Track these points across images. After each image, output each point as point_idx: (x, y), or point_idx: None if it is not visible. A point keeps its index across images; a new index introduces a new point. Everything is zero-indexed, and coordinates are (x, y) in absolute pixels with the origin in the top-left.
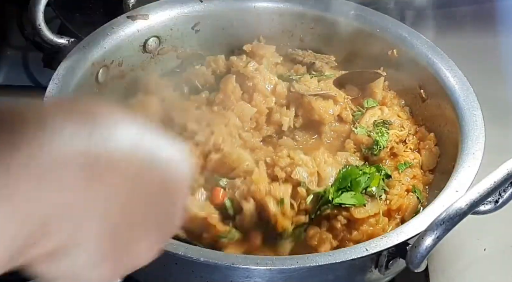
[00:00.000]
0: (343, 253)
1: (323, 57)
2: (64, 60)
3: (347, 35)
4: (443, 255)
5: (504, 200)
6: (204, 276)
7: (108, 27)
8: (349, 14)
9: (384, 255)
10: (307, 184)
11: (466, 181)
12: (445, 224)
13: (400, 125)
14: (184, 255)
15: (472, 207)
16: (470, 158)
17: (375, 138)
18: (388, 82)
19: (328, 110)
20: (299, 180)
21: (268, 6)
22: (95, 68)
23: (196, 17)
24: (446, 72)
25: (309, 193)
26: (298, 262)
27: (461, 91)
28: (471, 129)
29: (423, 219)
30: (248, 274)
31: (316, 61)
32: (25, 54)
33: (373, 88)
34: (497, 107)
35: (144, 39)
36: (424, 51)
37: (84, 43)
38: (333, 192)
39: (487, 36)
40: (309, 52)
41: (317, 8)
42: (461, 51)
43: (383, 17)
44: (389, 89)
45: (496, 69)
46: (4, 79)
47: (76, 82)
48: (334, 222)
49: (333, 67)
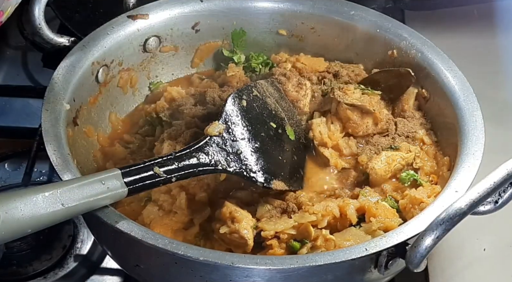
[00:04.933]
0: (343, 253)
1: (350, 66)
2: (64, 59)
3: (348, 35)
4: (442, 255)
5: (504, 201)
6: (204, 276)
7: (108, 26)
8: (349, 14)
9: (384, 255)
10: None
11: (466, 181)
12: (444, 224)
13: (407, 149)
14: (184, 255)
15: (472, 207)
16: (470, 158)
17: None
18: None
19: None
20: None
21: (268, 6)
22: (95, 67)
23: (196, 16)
24: (446, 72)
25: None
26: (297, 262)
27: (461, 91)
28: (471, 129)
29: (422, 219)
30: (247, 274)
31: (342, 70)
32: (25, 54)
33: (404, 104)
34: (497, 107)
35: (144, 38)
36: (424, 51)
37: (84, 42)
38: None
39: (487, 36)
40: (336, 62)
41: (317, 8)
42: (461, 51)
43: (383, 17)
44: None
45: (495, 69)
46: (3, 79)
47: (76, 81)
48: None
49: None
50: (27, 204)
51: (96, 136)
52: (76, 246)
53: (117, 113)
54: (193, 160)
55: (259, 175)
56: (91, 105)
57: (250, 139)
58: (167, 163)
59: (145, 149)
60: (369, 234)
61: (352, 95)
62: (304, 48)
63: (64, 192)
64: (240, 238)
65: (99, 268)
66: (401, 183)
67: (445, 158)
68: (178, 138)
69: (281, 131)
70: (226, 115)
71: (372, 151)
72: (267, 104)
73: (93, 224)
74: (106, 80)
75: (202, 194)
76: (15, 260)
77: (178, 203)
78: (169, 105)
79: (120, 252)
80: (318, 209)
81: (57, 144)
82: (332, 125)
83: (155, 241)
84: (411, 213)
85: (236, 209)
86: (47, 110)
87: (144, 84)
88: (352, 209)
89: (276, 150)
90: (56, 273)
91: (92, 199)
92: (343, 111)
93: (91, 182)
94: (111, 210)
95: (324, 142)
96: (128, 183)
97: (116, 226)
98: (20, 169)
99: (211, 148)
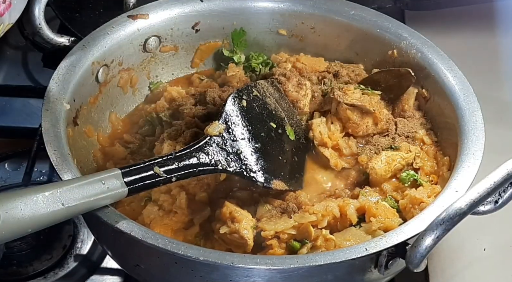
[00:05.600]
0: (343, 252)
1: (350, 66)
2: (64, 59)
3: (348, 35)
4: (442, 255)
5: (504, 201)
6: (204, 276)
7: (109, 26)
8: (349, 14)
9: (384, 255)
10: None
11: (466, 181)
12: (444, 224)
13: (407, 149)
14: (184, 255)
15: (472, 207)
16: (470, 158)
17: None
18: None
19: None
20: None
21: (268, 6)
22: (95, 67)
23: (196, 16)
24: (446, 72)
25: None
26: (297, 262)
27: (461, 91)
28: (471, 129)
29: (422, 219)
30: (247, 274)
31: (342, 70)
32: (25, 54)
33: (404, 104)
34: (497, 107)
35: (145, 38)
36: (424, 51)
37: (84, 42)
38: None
39: (487, 36)
40: (336, 62)
41: (317, 8)
42: (461, 51)
43: (383, 17)
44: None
45: (496, 69)
46: (3, 79)
47: (76, 81)
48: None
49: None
50: (27, 204)
51: (96, 136)
52: (76, 246)
53: (117, 113)
54: (193, 160)
55: (259, 175)
56: (91, 105)
57: (250, 139)
58: (167, 163)
59: (145, 149)
60: (369, 234)
61: (352, 95)
62: (304, 48)
63: (64, 192)
64: (240, 238)
65: (99, 268)
66: (401, 183)
67: (445, 158)
68: (178, 138)
69: (281, 131)
70: (226, 115)
71: (372, 151)
72: (267, 104)
73: (93, 224)
74: (106, 80)
75: (202, 194)
76: (15, 260)
77: (178, 203)
78: (169, 105)
79: (120, 252)
80: (318, 209)
81: (57, 144)
82: (332, 125)
83: (155, 241)
84: (411, 213)
85: (236, 209)
86: (47, 110)
87: (144, 84)
88: (352, 209)
89: (276, 150)
90: (56, 273)
91: (92, 199)
92: (343, 111)
93: (91, 182)
94: (111, 210)
95: (324, 142)
96: (128, 183)
97: (116, 226)
98: (20, 169)
99: (211, 148)
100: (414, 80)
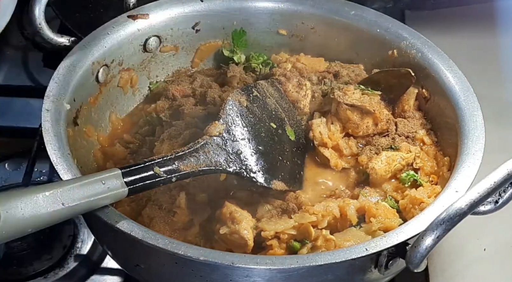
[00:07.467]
0: (343, 253)
1: (350, 66)
2: (65, 59)
3: (348, 35)
4: (442, 255)
5: (504, 201)
6: (204, 276)
7: (109, 26)
8: (349, 15)
9: (384, 255)
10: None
11: (466, 181)
12: (445, 224)
13: (407, 149)
14: (184, 255)
15: (472, 207)
16: (470, 158)
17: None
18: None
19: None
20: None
21: (268, 6)
22: (95, 67)
23: (197, 16)
24: (446, 72)
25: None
26: (297, 262)
27: (461, 91)
28: (471, 129)
29: (423, 219)
30: (247, 274)
31: (342, 70)
32: (25, 54)
33: (404, 104)
34: (497, 107)
35: (145, 38)
36: (424, 51)
37: (84, 42)
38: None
39: (487, 36)
40: (336, 62)
41: (317, 8)
42: (461, 51)
43: (383, 17)
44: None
45: (496, 69)
46: (4, 79)
47: (76, 81)
48: None
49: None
50: (27, 204)
51: (96, 136)
52: (76, 246)
53: (117, 113)
54: (193, 160)
55: (259, 176)
56: (91, 105)
57: (250, 139)
58: (167, 163)
59: (145, 149)
60: (369, 234)
61: (352, 96)
62: (304, 48)
63: (65, 192)
64: (240, 238)
65: (100, 268)
66: (401, 183)
67: (445, 158)
68: (178, 138)
69: (281, 131)
70: (226, 115)
71: (372, 151)
72: (267, 104)
73: (94, 224)
74: (106, 80)
75: (202, 194)
76: (16, 260)
77: (178, 203)
78: (169, 105)
79: (120, 252)
80: (318, 209)
81: (57, 144)
82: (332, 125)
83: (155, 241)
84: (411, 213)
85: (236, 210)
86: (47, 110)
87: (144, 84)
88: (352, 209)
89: (276, 151)
90: (57, 273)
91: (93, 198)
92: (343, 112)
93: (92, 181)
94: (112, 210)
95: (324, 142)
96: (128, 183)
97: (116, 226)
98: (21, 169)
99: (211, 148)
100: (414, 80)
